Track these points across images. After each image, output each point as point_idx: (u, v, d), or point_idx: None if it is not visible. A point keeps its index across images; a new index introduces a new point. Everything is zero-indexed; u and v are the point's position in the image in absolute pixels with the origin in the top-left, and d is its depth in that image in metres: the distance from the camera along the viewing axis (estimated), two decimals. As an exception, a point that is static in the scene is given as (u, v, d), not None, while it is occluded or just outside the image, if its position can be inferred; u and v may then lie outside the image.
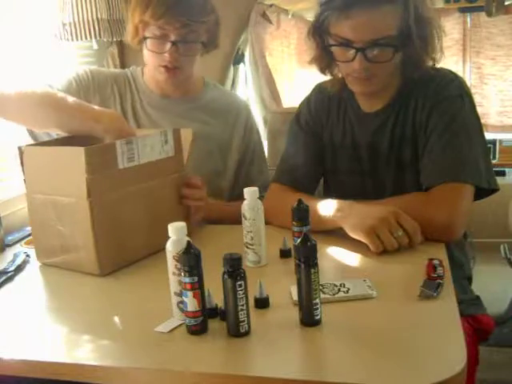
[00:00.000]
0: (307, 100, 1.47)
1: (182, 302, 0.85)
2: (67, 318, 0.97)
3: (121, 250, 1.14)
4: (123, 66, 2.02)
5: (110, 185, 1.11)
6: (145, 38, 1.42)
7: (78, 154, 1.06)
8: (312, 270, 0.83)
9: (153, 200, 1.20)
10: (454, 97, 1.25)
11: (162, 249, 1.17)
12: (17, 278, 1.14)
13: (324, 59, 1.34)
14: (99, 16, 1.79)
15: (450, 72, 1.31)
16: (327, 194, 1.44)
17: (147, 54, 1.45)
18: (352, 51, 1.21)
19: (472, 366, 1.19)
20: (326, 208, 1.20)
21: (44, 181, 1.15)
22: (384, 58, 1.22)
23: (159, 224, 1.19)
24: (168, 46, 1.39)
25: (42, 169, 1.15)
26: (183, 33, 1.39)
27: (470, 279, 1.43)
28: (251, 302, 0.87)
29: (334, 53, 1.28)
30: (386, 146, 1.33)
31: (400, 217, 1.10)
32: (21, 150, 1.16)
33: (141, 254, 1.18)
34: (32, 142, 1.37)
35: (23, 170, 1.17)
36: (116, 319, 0.94)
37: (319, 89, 1.45)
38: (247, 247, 1.10)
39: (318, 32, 1.29)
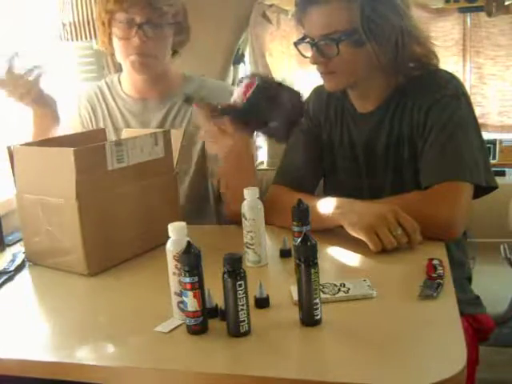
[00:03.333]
0: (305, 102, 1.48)
1: (182, 302, 0.85)
2: (67, 317, 0.96)
3: (110, 250, 1.14)
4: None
5: (99, 186, 1.11)
6: (109, 26, 1.41)
7: (67, 154, 1.06)
8: (312, 270, 0.83)
9: (143, 201, 1.21)
10: (450, 96, 1.26)
11: (152, 248, 1.19)
12: (17, 278, 1.14)
13: None
14: (99, 16, 1.79)
15: (447, 72, 1.32)
16: (326, 194, 1.44)
17: (118, 48, 1.44)
18: (311, 47, 1.27)
19: (472, 366, 1.19)
20: (326, 206, 1.20)
21: (33, 181, 1.15)
22: (331, 52, 1.24)
23: (149, 224, 1.21)
24: (135, 29, 1.38)
25: (32, 169, 1.15)
26: (148, 13, 1.37)
27: (469, 279, 1.43)
28: (251, 302, 0.87)
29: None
30: (382, 146, 1.33)
31: (399, 215, 1.10)
32: (10, 150, 1.16)
33: (131, 254, 1.18)
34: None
35: (13, 170, 1.17)
36: (116, 319, 0.94)
37: (317, 91, 1.47)
38: (247, 247, 1.10)
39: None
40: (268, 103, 1.19)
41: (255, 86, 1.19)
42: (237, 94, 1.22)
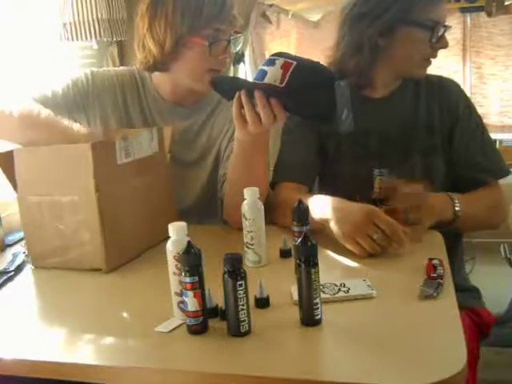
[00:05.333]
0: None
1: (182, 302, 0.85)
2: (67, 317, 0.96)
3: (124, 244, 1.16)
4: (123, 66, 2.02)
5: (112, 180, 1.12)
6: (210, 44, 1.32)
7: (83, 150, 1.07)
8: (312, 270, 0.83)
9: (146, 194, 1.23)
10: (469, 98, 1.43)
11: (155, 244, 1.21)
12: (17, 278, 1.14)
13: (363, 51, 1.37)
14: (99, 16, 1.80)
15: None
16: (324, 187, 1.45)
17: (195, 63, 1.36)
18: (441, 31, 1.33)
19: (473, 361, 1.18)
20: (315, 208, 1.19)
21: (39, 182, 1.14)
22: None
23: (152, 218, 1.24)
24: (225, 45, 1.34)
25: (37, 170, 1.14)
26: (231, 29, 1.35)
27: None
28: (251, 302, 0.88)
29: (411, 37, 1.34)
30: (404, 132, 1.38)
31: (376, 218, 1.07)
32: (4, 155, 1.14)
33: (140, 248, 1.21)
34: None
35: (7, 174, 1.15)
36: (116, 319, 0.94)
37: None
38: (247, 247, 1.10)
39: (380, 23, 1.33)
40: (309, 84, 1.11)
41: (294, 66, 1.10)
42: (272, 76, 1.11)
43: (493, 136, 2.88)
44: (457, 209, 1.24)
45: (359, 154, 1.40)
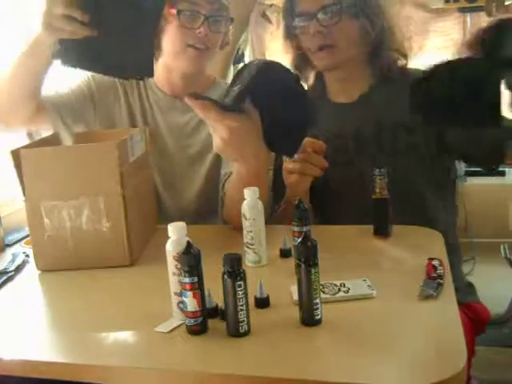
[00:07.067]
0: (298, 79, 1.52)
1: (181, 302, 0.85)
2: (67, 317, 0.97)
3: (139, 239, 1.21)
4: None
5: (127, 178, 1.14)
6: (179, 12, 1.36)
7: (109, 148, 1.09)
8: (312, 270, 0.83)
9: (142, 192, 1.28)
10: None
11: (149, 240, 1.27)
12: (17, 278, 1.14)
13: (298, 59, 1.44)
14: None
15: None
16: (317, 192, 1.45)
17: (175, 36, 1.39)
18: (309, 21, 1.33)
19: (469, 356, 1.18)
20: None
21: (52, 184, 1.12)
22: (331, 21, 1.31)
23: (145, 217, 1.27)
24: (201, 19, 1.36)
25: (49, 171, 1.12)
26: (214, 7, 1.38)
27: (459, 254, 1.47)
28: (251, 302, 0.87)
29: (299, 34, 1.37)
30: (377, 132, 1.37)
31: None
32: (16, 155, 1.10)
33: (143, 245, 1.24)
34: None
35: (20, 176, 1.12)
36: (116, 319, 0.94)
37: None
38: (247, 247, 1.10)
39: (289, 28, 1.40)
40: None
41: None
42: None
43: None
44: None
45: (337, 158, 1.39)
